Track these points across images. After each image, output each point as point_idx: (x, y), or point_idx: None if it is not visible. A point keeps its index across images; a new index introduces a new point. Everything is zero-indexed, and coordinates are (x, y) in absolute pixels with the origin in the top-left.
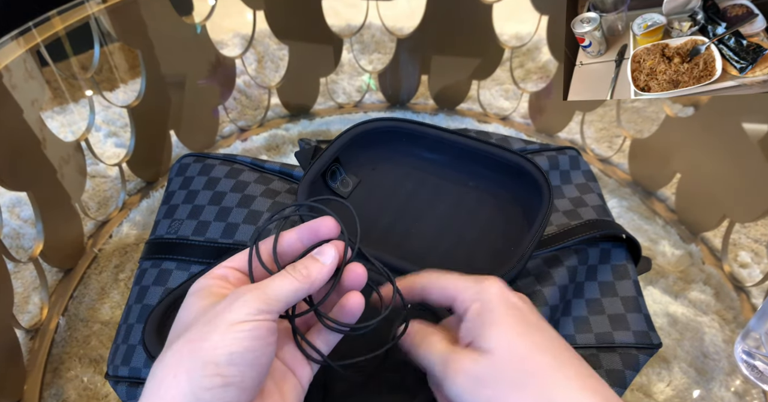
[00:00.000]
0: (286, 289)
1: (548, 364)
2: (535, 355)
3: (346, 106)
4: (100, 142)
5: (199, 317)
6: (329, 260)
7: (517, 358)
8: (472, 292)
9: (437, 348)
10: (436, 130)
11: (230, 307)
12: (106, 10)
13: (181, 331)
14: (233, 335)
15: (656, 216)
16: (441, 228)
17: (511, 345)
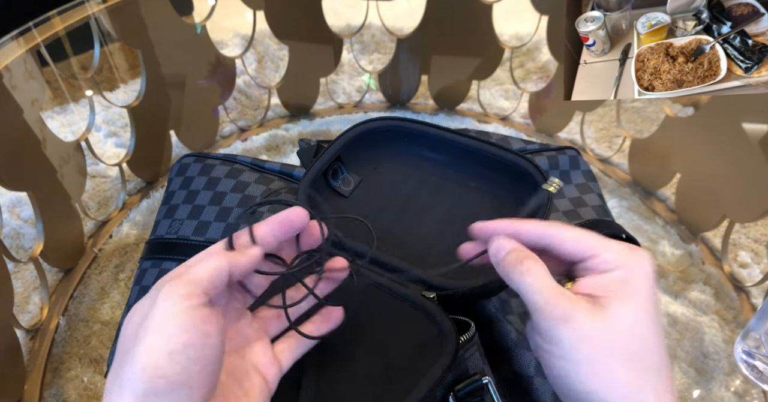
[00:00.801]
0: (208, 268)
1: (660, 359)
2: (653, 344)
3: (346, 106)
4: (100, 142)
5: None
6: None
7: (639, 339)
8: (625, 257)
9: (546, 282)
10: (437, 129)
11: (155, 302)
12: (106, 10)
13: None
14: (168, 331)
15: (656, 216)
16: (441, 228)
17: (640, 325)
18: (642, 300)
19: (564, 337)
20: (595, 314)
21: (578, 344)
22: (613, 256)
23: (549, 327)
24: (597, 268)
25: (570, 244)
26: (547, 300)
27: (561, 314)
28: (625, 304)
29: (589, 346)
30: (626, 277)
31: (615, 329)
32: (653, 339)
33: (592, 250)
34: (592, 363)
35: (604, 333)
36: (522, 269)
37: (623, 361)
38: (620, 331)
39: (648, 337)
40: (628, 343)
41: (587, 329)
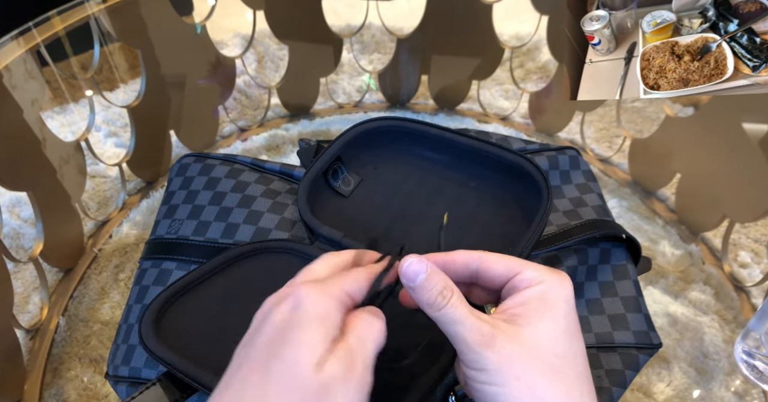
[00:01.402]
0: (376, 345)
1: (583, 368)
2: (573, 357)
3: (346, 106)
4: (100, 142)
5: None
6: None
7: (558, 354)
8: (544, 274)
9: (464, 311)
10: (437, 129)
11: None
12: (106, 10)
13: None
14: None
15: (656, 216)
16: None
17: (559, 340)
18: (559, 316)
19: (489, 361)
20: (514, 335)
21: (503, 366)
22: (534, 273)
23: (474, 355)
24: (519, 286)
25: (497, 265)
26: (470, 329)
27: (483, 340)
28: (542, 321)
29: (513, 366)
30: (544, 293)
31: (534, 347)
32: (572, 351)
33: (516, 268)
34: (519, 382)
35: (524, 352)
36: (442, 303)
37: (548, 377)
38: (540, 349)
39: (566, 350)
40: (550, 359)
41: (508, 350)
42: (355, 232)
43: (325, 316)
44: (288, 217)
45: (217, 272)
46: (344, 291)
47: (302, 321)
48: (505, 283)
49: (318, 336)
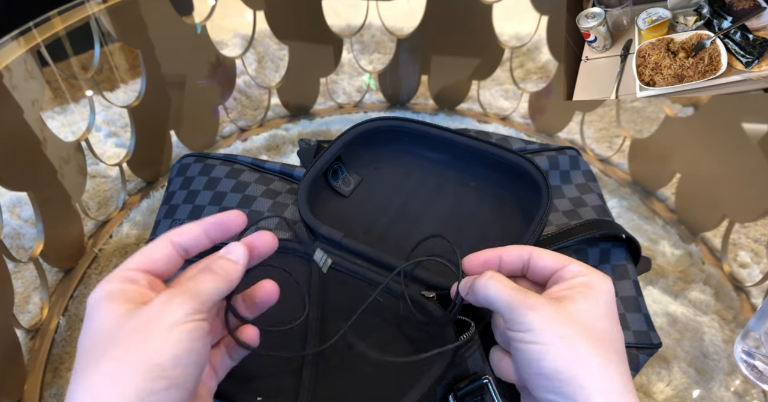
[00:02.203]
0: (213, 287)
1: (621, 347)
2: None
3: (346, 106)
4: (100, 142)
5: (125, 323)
6: (241, 259)
7: (598, 329)
8: (590, 270)
9: (509, 285)
10: (437, 129)
11: (166, 310)
12: (106, 10)
13: (102, 340)
14: (176, 337)
15: (656, 216)
16: (441, 228)
17: (600, 319)
18: (601, 301)
19: (534, 322)
20: (559, 306)
21: (547, 327)
22: (580, 267)
23: (519, 317)
24: (565, 276)
25: (548, 256)
26: (514, 297)
27: (529, 304)
28: (585, 303)
29: (557, 327)
30: (589, 282)
31: (577, 318)
32: (611, 333)
33: (564, 261)
34: (563, 342)
35: (567, 318)
36: (483, 281)
37: (589, 342)
38: (582, 320)
39: (606, 330)
40: (592, 329)
41: (552, 314)
42: (355, 232)
43: (106, 295)
44: (288, 217)
45: None
46: (123, 270)
47: (90, 310)
48: (552, 275)
49: (105, 304)
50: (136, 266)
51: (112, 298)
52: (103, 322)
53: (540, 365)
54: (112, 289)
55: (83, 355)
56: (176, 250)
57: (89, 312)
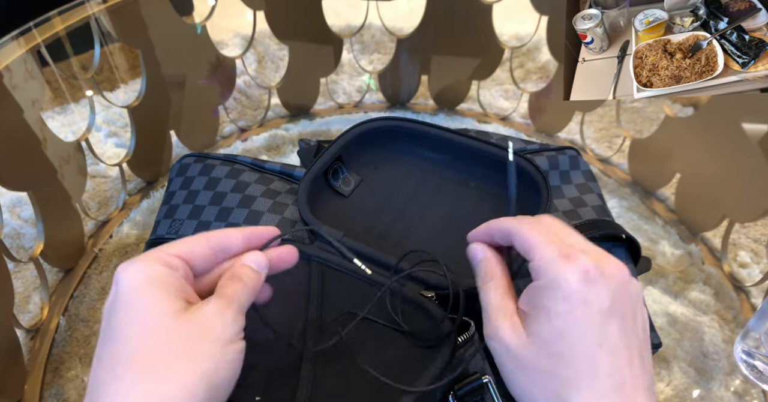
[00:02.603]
0: (247, 299)
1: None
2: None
3: (346, 107)
4: (100, 142)
5: (179, 326)
6: (263, 271)
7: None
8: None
9: (495, 298)
10: (437, 129)
11: (221, 322)
12: (106, 10)
13: (155, 339)
14: (230, 357)
15: (656, 216)
16: (440, 228)
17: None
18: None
19: (496, 350)
20: (519, 333)
21: (505, 359)
22: (540, 263)
23: (486, 338)
24: (533, 271)
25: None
26: (489, 316)
27: (491, 331)
28: (550, 320)
29: (513, 362)
30: (549, 285)
31: (534, 348)
32: (577, 348)
33: (529, 252)
34: (518, 376)
35: (524, 352)
36: (484, 280)
37: (540, 378)
38: (539, 350)
39: (566, 351)
40: (545, 361)
41: (510, 346)
42: (355, 231)
43: (152, 278)
44: (288, 217)
45: None
46: (168, 254)
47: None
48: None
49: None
50: (176, 252)
51: (156, 286)
52: (150, 315)
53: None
54: (154, 273)
55: (126, 355)
56: (212, 251)
57: (130, 294)
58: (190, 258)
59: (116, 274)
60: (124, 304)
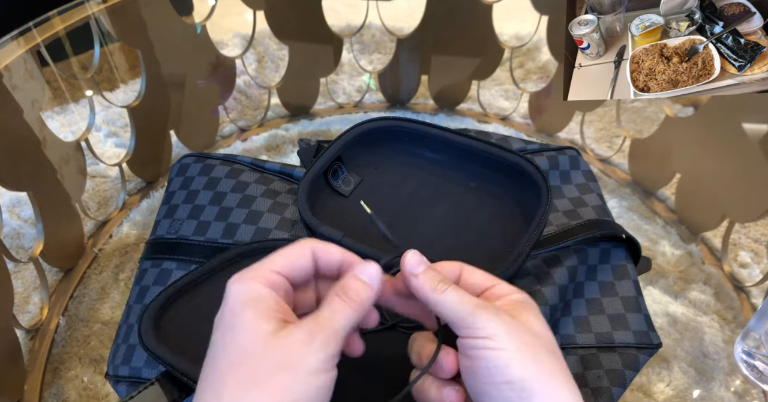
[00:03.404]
0: (348, 321)
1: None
2: (557, 348)
3: (346, 106)
4: (100, 142)
5: (267, 352)
6: (376, 285)
7: (548, 339)
8: (521, 291)
9: (467, 296)
10: (438, 129)
11: (309, 350)
12: (106, 10)
13: (250, 366)
14: (316, 384)
15: (656, 216)
16: (440, 228)
17: (547, 332)
18: (541, 317)
19: (499, 327)
20: (513, 317)
21: (512, 333)
22: (511, 287)
23: (481, 321)
24: (498, 294)
25: (478, 274)
26: (477, 304)
27: (493, 310)
28: (530, 315)
29: (520, 335)
30: (524, 299)
31: (533, 330)
32: (558, 347)
33: (495, 280)
34: (528, 350)
35: (525, 328)
36: (443, 287)
37: (547, 353)
38: (537, 332)
39: (554, 343)
40: (546, 342)
41: (513, 324)
42: (355, 232)
43: (253, 299)
44: (288, 217)
45: (217, 272)
46: (271, 271)
47: (234, 310)
48: (482, 292)
49: (251, 316)
50: (280, 269)
51: (257, 309)
52: (248, 340)
53: (506, 373)
54: (258, 294)
55: (226, 374)
56: (313, 263)
57: (231, 312)
58: (291, 274)
59: (227, 287)
60: (226, 321)
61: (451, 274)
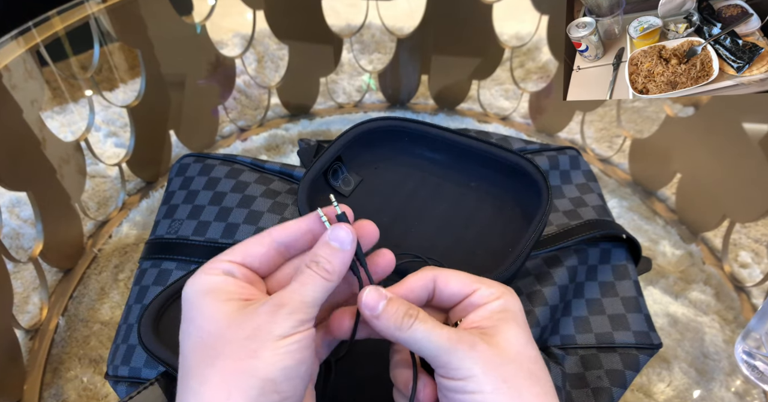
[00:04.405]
0: (318, 291)
1: (547, 373)
2: (540, 361)
3: (346, 106)
4: (99, 142)
5: (234, 329)
6: (348, 246)
7: (532, 358)
8: (499, 289)
9: (437, 330)
10: (437, 129)
11: (274, 320)
12: (105, 9)
13: (210, 345)
14: (285, 350)
15: (656, 216)
16: (440, 228)
17: (528, 346)
18: (522, 324)
19: (475, 367)
20: (491, 342)
21: (489, 370)
22: (491, 289)
23: (458, 361)
24: (478, 302)
25: (453, 280)
26: (449, 338)
27: (466, 344)
28: (510, 330)
29: (499, 370)
30: (505, 306)
31: (511, 353)
32: (537, 359)
33: (473, 285)
34: (507, 385)
35: (505, 356)
36: (410, 323)
37: (528, 381)
38: (516, 354)
39: (536, 355)
40: (527, 364)
41: (491, 354)
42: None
43: (209, 289)
44: (288, 217)
45: None
46: (222, 262)
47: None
48: (460, 301)
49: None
50: (230, 258)
51: (214, 294)
52: (208, 322)
53: None
54: (212, 283)
55: (191, 357)
56: (276, 249)
57: (190, 307)
58: (247, 261)
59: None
60: (185, 316)
61: (422, 292)
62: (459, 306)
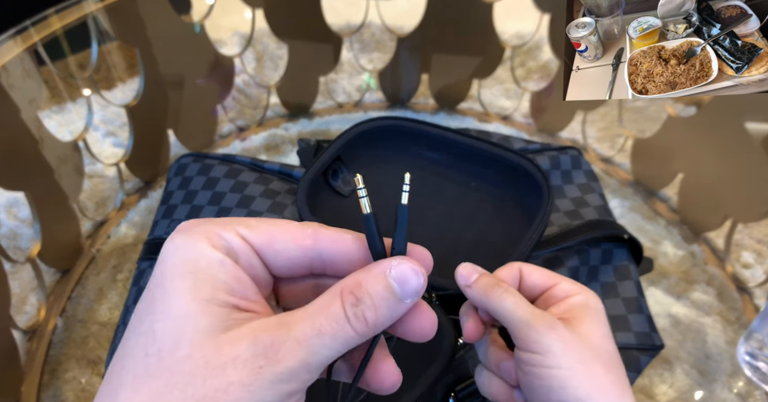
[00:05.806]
0: (337, 349)
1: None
2: (619, 359)
3: (346, 106)
4: (98, 141)
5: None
6: (410, 298)
7: (610, 352)
8: (580, 286)
9: (524, 303)
10: (438, 129)
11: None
12: (104, 8)
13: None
14: None
15: (658, 216)
16: (441, 228)
17: (607, 341)
18: (603, 320)
19: (555, 344)
20: (572, 330)
21: (567, 350)
22: (572, 285)
23: (538, 336)
24: (559, 295)
25: (536, 274)
26: (533, 313)
27: (548, 323)
28: (591, 324)
29: (576, 351)
30: (587, 301)
31: (589, 341)
32: (616, 353)
33: (554, 279)
34: (583, 367)
35: (583, 342)
36: (500, 292)
37: (604, 368)
38: (594, 344)
39: (613, 350)
40: (603, 354)
41: (570, 336)
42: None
43: (193, 269)
44: (287, 217)
45: None
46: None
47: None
48: (541, 293)
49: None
50: (248, 234)
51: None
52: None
53: (562, 393)
54: (201, 260)
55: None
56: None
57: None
58: (262, 245)
59: (167, 239)
60: (148, 297)
61: (510, 278)
62: (541, 298)
